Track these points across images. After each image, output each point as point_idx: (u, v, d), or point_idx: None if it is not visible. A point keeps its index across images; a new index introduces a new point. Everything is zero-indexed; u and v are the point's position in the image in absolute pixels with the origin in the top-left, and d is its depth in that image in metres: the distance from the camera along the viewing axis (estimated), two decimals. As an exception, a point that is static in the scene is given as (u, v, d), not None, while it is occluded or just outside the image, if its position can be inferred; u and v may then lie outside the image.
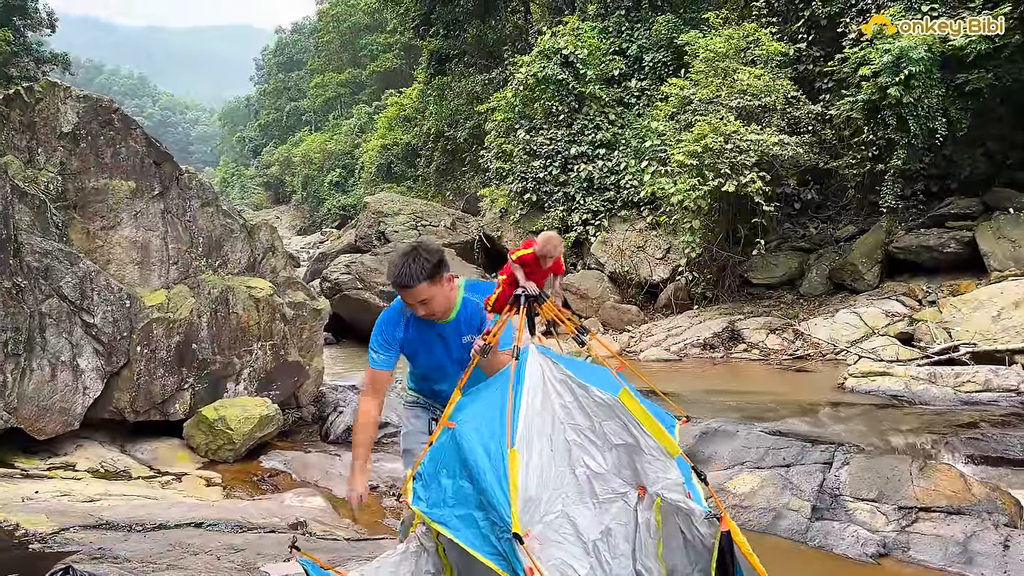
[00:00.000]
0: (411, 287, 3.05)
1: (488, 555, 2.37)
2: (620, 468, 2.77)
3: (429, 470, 2.68)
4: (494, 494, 2.40)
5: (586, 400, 2.80)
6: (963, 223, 12.26)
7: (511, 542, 2.30)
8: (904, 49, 11.15)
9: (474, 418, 2.72)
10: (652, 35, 18.86)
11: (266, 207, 55.90)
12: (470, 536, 2.43)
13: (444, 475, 2.62)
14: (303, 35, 71.67)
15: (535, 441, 2.58)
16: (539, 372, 2.78)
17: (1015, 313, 9.53)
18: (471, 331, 3.28)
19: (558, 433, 2.71)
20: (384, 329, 3.29)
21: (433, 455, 2.72)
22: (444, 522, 2.51)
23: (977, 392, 8.04)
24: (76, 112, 6.88)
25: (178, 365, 6.91)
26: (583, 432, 2.76)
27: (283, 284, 8.29)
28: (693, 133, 12.74)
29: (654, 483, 2.75)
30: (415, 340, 3.30)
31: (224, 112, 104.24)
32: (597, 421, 2.78)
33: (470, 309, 3.29)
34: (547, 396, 2.75)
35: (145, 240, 7.09)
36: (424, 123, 31.34)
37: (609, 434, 2.78)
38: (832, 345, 11.17)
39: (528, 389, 2.68)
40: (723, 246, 14.16)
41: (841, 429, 6.79)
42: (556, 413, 2.75)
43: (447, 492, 2.57)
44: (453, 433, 2.70)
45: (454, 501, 2.53)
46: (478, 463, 2.51)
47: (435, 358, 3.33)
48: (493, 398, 2.75)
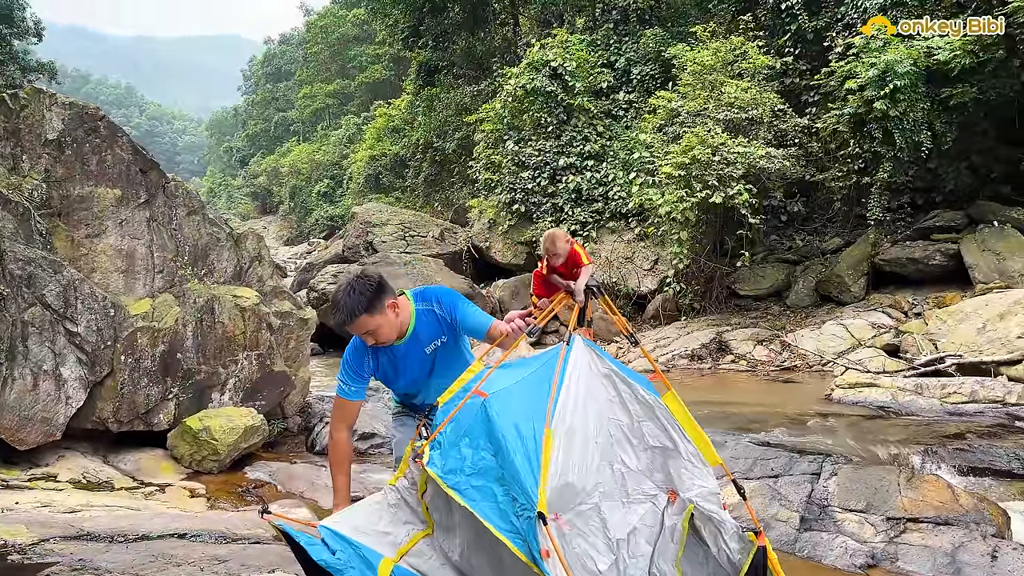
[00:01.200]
0: (352, 323, 3.02)
1: (503, 531, 2.31)
2: (652, 471, 2.75)
3: (450, 439, 2.62)
4: (521, 470, 2.35)
5: (629, 397, 2.79)
6: (948, 236, 12.35)
7: (532, 520, 2.25)
8: (890, 63, 11.25)
9: (509, 394, 2.67)
10: (640, 48, 18.97)
11: (253, 217, 55.68)
12: (486, 508, 2.38)
13: (465, 444, 2.57)
14: (291, 46, 71.62)
15: (578, 429, 2.55)
16: (586, 362, 2.76)
17: (1000, 325, 9.59)
18: (435, 338, 3.27)
19: (602, 425, 2.68)
20: (352, 360, 3.25)
21: (457, 424, 2.66)
22: (459, 489, 2.46)
23: (963, 403, 8.07)
24: (62, 119, 6.83)
25: (162, 375, 6.84)
26: (623, 428, 2.74)
27: (269, 293, 8.24)
28: (681, 145, 12.79)
29: (689, 489, 2.73)
30: (385, 366, 3.28)
31: (211, 122, 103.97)
32: (637, 420, 2.77)
33: (425, 319, 3.26)
34: (593, 387, 2.72)
35: (130, 248, 7.03)
36: (413, 134, 31.34)
37: (647, 435, 2.77)
38: (819, 356, 11.20)
39: (573, 376, 2.65)
40: (710, 257, 14.21)
41: (829, 440, 6.80)
42: (601, 406, 2.72)
43: (466, 461, 2.52)
44: (484, 404, 2.64)
45: (472, 471, 2.49)
46: (507, 438, 2.46)
47: (407, 377, 3.31)
48: (532, 378, 2.72)
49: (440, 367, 3.29)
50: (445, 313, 3.27)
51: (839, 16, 14.11)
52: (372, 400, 8.61)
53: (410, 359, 3.26)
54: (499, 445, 2.47)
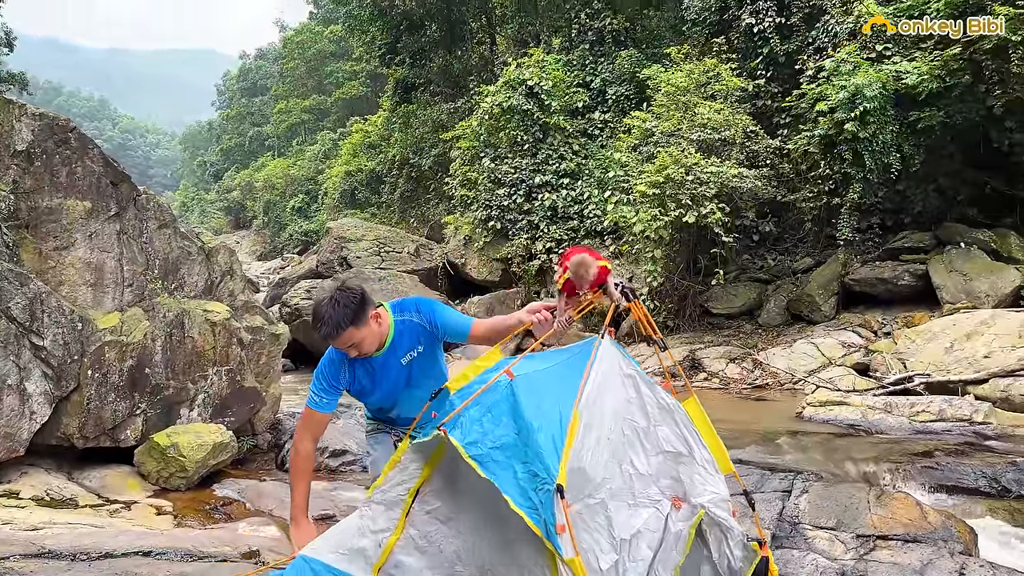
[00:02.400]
0: (337, 335, 3.01)
1: (522, 506, 2.33)
2: (660, 476, 2.76)
3: (471, 415, 2.63)
4: (544, 447, 2.38)
5: (649, 400, 2.81)
6: (917, 256, 12.56)
7: (551, 493, 2.27)
8: (859, 86, 11.47)
9: (535, 378, 2.70)
10: (615, 69, 19.19)
11: (226, 232, 55.20)
12: (506, 482, 2.40)
13: (488, 419, 2.59)
14: (267, 61, 71.48)
15: (593, 423, 2.56)
16: (612, 360, 2.78)
17: (967, 344, 9.75)
18: (411, 348, 3.26)
19: (617, 424, 2.69)
20: (327, 371, 3.22)
21: (479, 403, 2.67)
22: (481, 461, 2.47)
23: (931, 422, 8.18)
24: (31, 130, 6.73)
25: (130, 390, 6.72)
26: (637, 430, 2.75)
27: (241, 308, 8.15)
28: (655, 164, 12.92)
29: (701, 495, 2.75)
30: (361, 379, 3.25)
31: (185, 136, 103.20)
32: (653, 424, 2.78)
33: (403, 329, 3.25)
34: (614, 386, 2.74)
35: (99, 261, 6.92)
36: (389, 150, 31.33)
37: (661, 439, 2.78)
38: (790, 375, 11.30)
39: (599, 371, 2.68)
40: (684, 276, 14.32)
41: (800, 457, 6.85)
42: (619, 405, 2.73)
43: (488, 435, 2.54)
44: (511, 383, 2.66)
45: (493, 444, 2.50)
46: (532, 416, 2.49)
47: (384, 389, 3.28)
48: (560, 368, 2.76)
49: (417, 377, 3.27)
50: (425, 321, 3.26)
51: (810, 40, 14.39)
52: (344, 416, 8.53)
53: (387, 370, 3.24)
54: (523, 422, 2.50)
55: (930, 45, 12.17)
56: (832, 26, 13.76)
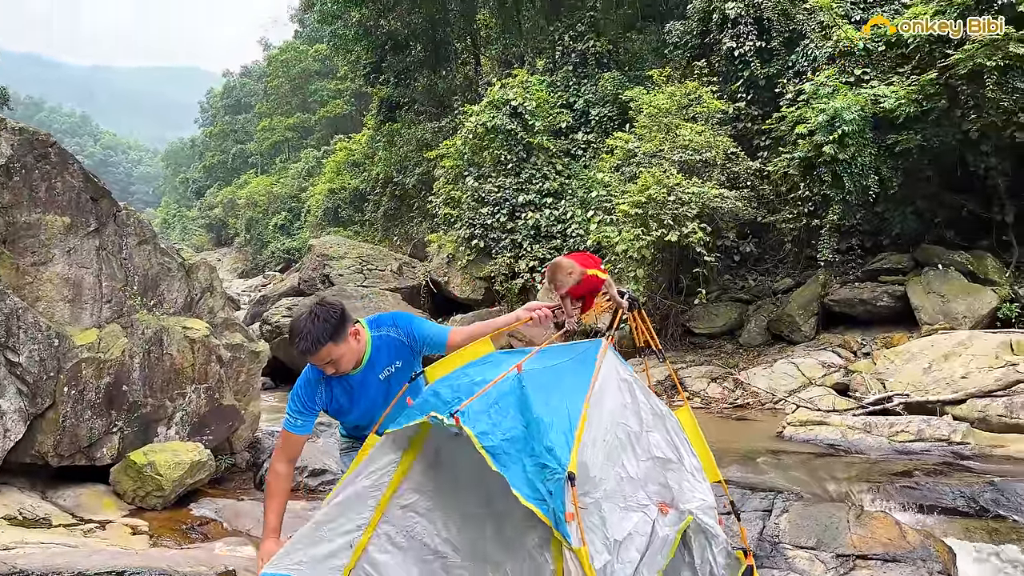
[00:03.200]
0: (315, 352, 2.97)
1: (530, 498, 2.35)
2: (648, 481, 2.78)
3: (477, 407, 2.62)
4: (555, 439, 2.41)
5: (644, 406, 2.85)
6: (895, 278, 12.69)
7: (562, 482, 2.30)
8: (838, 109, 11.63)
9: (542, 374, 2.73)
10: (598, 90, 19.36)
11: (207, 249, 54.92)
12: (515, 476, 2.41)
13: (495, 411, 2.59)
14: (251, 79, 71.47)
15: (592, 422, 2.59)
16: (612, 364, 2.85)
17: (945, 365, 9.84)
18: (389, 363, 3.23)
19: (612, 427, 2.72)
20: (303, 393, 3.17)
21: (489, 395, 2.66)
22: (494, 453, 2.47)
23: (910, 442, 8.22)
24: (11, 145, 6.67)
25: (107, 407, 6.63)
26: (630, 435, 2.78)
27: (221, 325, 8.09)
28: (637, 185, 13.01)
29: (689, 501, 2.79)
30: (339, 398, 3.21)
31: (167, 153, 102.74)
32: (645, 429, 2.82)
33: (380, 345, 3.22)
34: (612, 389, 2.78)
35: (78, 277, 6.86)
36: (373, 168, 31.34)
37: (652, 444, 2.81)
38: (771, 394, 11.35)
39: (601, 371, 2.74)
40: (666, 295, 14.38)
41: (780, 477, 6.86)
42: (615, 408, 2.77)
43: (498, 427, 2.54)
44: (519, 377, 2.69)
45: (503, 437, 2.51)
46: (541, 409, 2.52)
47: (362, 407, 3.24)
48: (565, 366, 2.81)
49: (396, 393, 3.22)
50: (403, 335, 3.24)
51: (790, 64, 14.59)
52: (324, 435, 8.46)
53: (366, 387, 3.21)
54: (531, 415, 2.52)
55: (907, 70, 12.38)
56: (811, 50, 13.97)
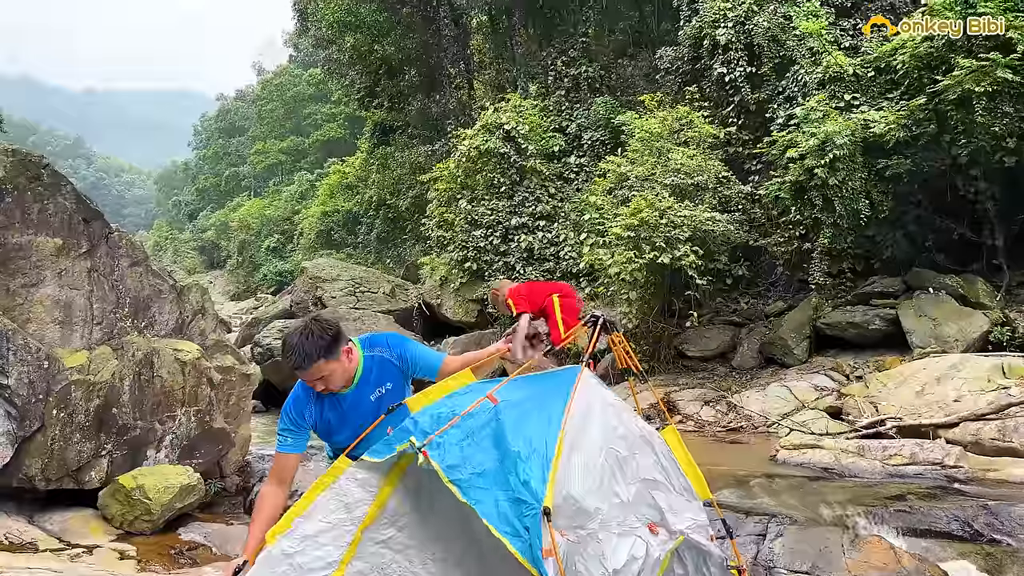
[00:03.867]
0: (307, 368, 2.94)
1: (504, 533, 2.30)
2: (639, 504, 2.75)
3: (451, 438, 2.57)
4: (533, 472, 2.36)
5: (630, 429, 2.82)
6: (887, 301, 12.71)
7: (537, 516, 2.25)
8: (829, 133, 11.72)
9: (519, 405, 2.68)
10: (590, 115, 19.51)
11: (199, 272, 54.73)
12: (488, 509, 2.36)
13: (468, 444, 2.55)
14: (246, 102, 71.73)
15: (581, 449, 2.55)
16: (596, 388, 2.82)
17: (937, 388, 9.84)
18: (380, 384, 3.20)
19: (602, 453, 2.69)
20: (293, 411, 3.14)
21: (462, 425, 2.62)
22: (461, 486, 2.42)
23: (904, 465, 8.20)
24: (3, 166, 6.67)
25: (96, 430, 6.57)
26: (619, 459, 2.74)
27: (212, 347, 8.05)
28: (630, 208, 13.05)
29: (681, 521, 2.77)
30: (329, 418, 3.17)
31: (161, 176, 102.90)
32: (633, 452, 2.78)
33: (372, 365, 3.20)
34: (598, 414, 2.74)
35: (68, 299, 6.83)
36: (366, 191, 31.43)
37: (640, 467, 2.78)
38: (764, 418, 11.32)
39: (584, 396, 2.70)
40: (659, 318, 14.38)
41: (774, 501, 6.83)
42: (604, 433, 2.73)
43: (469, 460, 2.50)
44: (496, 409, 2.64)
45: (474, 470, 2.46)
46: (517, 442, 2.47)
47: (351, 428, 3.17)
48: (542, 395, 2.75)
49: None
50: (394, 356, 3.22)
51: (780, 89, 14.72)
52: (315, 459, 8.39)
53: (357, 407, 3.17)
54: (506, 449, 2.47)
55: (896, 95, 12.51)
56: (802, 76, 14.10)
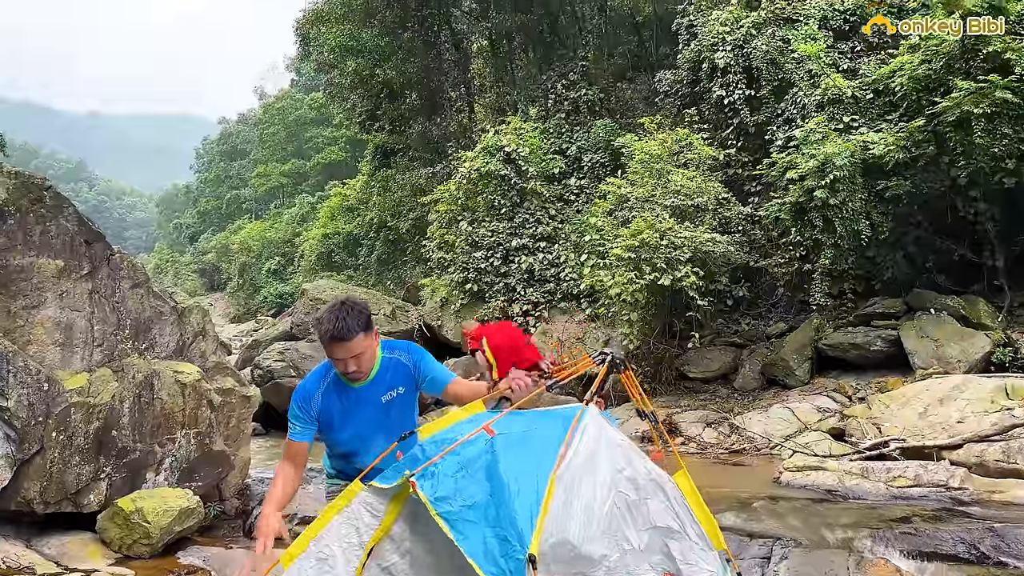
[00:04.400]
0: (349, 340, 2.95)
1: (489, 572, 2.27)
2: (651, 551, 2.68)
3: (445, 469, 2.54)
4: (519, 513, 2.32)
5: (640, 471, 2.74)
6: (888, 322, 12.69)
7: (522, 563, 2.22)
8: (829, 155, 11.77)
9: (516, 440, 2.63)
10: (590, 137, 19.62)
11: (200, 294, 54.69)
12: (473, 545, 2.33)
13: (462, 475, 2.51)
14: (248, 126, 72.18)
15: (583, 493, 2.49)
16: (603, 428, 2.74)
17: (941, 410, 9.80)
18: (393, 387, 3.21)
19: (609, 496, 2.62)
20: (304, 397, 3.16)
21: (456, 455, 2.59)
22: (449, 520, 2.40)
23: (908, 487, 8.14)
24: (6, 188, 6.70)
25: (95, 453, 6.54)
26: (628, 504, 2.68)
27: (212, 369, 8.03)
28: (630, 229, 13.08)
29: (697, 573, 2.67)
30: (333, 411, 3.17)
31: (162, 199, 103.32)
32: (643, 497, 2.71)
33: (388, 366, 3.22)
34: (603, 456, 2.66)
35: (69, 321, 6.82)
36: (367, 213, 31.50)
37: (651, 513, 2.71)
38: (767, 439, 11.27)
39: (586, 438, 2.62)
40: (660, 340, 14.36)
41: (778, 523, 6.77)
42: (612, 476, 2.66)
43: (461, 493, 2.46)
44: (492, 441, 2.60)
45: (464, 504, 2.43)
46: (509, 479, 2.43)
47: (357, 426, 3.18)
48: (542, 431, 2.68)
49: (392, 421, 3.20)
50: (411, 363, 3.25)
51: (779, 112, 14.81)
52: (314, 482, 8.33)
53: (363, 405, 3.17)
54: (499, 484, 2.43)
55: (895, 117, 12.58)
56: (800, 98, 14.19)
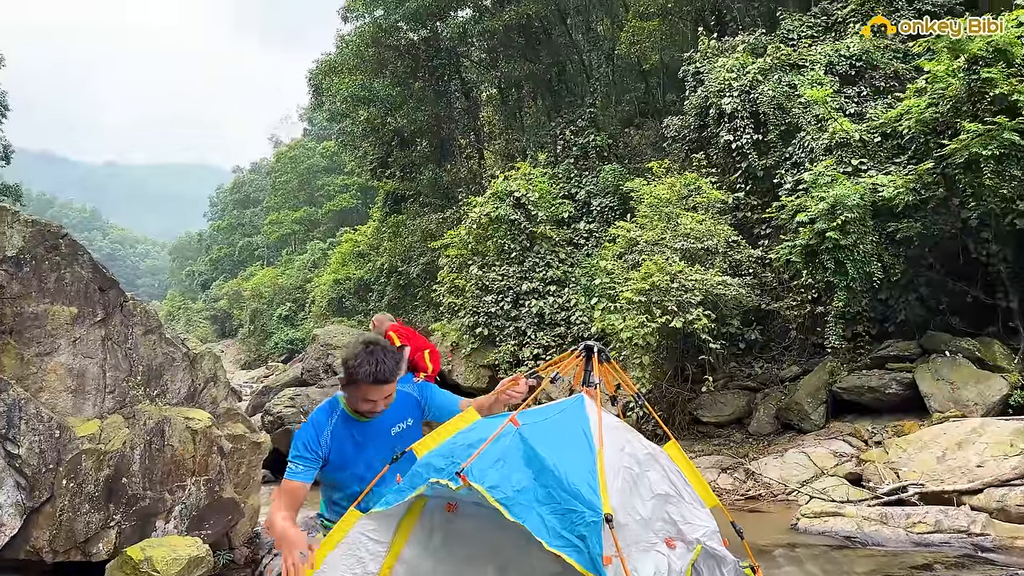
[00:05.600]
0: (391, 382, 3.05)
1: (559, 547, 2.34)
2: (655, 519, 2.79)
3: (482, 465, 2.60)
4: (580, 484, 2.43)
5: (637, 447, 2.89)
6: (903, 365, 12.54)
7: (598, 524, 2.31)
8: (839, 197, 11.78)
9: (541, 427, 2.75)
10: (599, 182, 19.78)
11: (211, 341, 54.88)
12: (535, 525, 2.40)
13: (500, 466, 2.58)
14: (260, 174, 73.19)
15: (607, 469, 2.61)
16: (598, 414, 2.87)
17: (959, 454, 9.65)
18: (403, 419, 3.26)
19: (619, 473, 2.73)
20: (310, 437, 3.12)
21: (489, 452, 2.65)
22: (507, 504, 2.46)
23: (929, 533, 7.99)
24: (22, 236, 6.78)
25: (105, 501, 6.49)
26: (633, 477, 2.79)
27: (223, 415, 8.01)
28: (640, 272, 13.09)
29: (696, 530, 2.83)
30: (344, 444, 3.17)
31: (175, 246, 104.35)
32: (643, 470, 2.84)
33: (399, 398, 3.26)
34: (608, 437, 2.79)
35: (82, 368, 6.83)
36: (378, 259, 31.72)
37: (652, 483, 2.83)
38: (783, 485, 11.09)
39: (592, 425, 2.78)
40: (672, 383, 14.25)
41: (797, 571, 6.64)
42: (616, 454, 2.78)
43: (509, 479, 2.53)
44: (519, 431, 2.70)
45: (515, 488, 2.51)
46: (551, 459, 2.53)
47: (368, 459, 3.16)
48: (559, 418, 2.85)
49: None
50: (417, 394, 3.33)
51: (787, 155, 14.90)
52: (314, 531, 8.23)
53: (375, 437, 3.20)
54: (541, 467, 2.53)
55: (903, 160, 12.62)
56: (808, 142, 14.28)
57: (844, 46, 15.10)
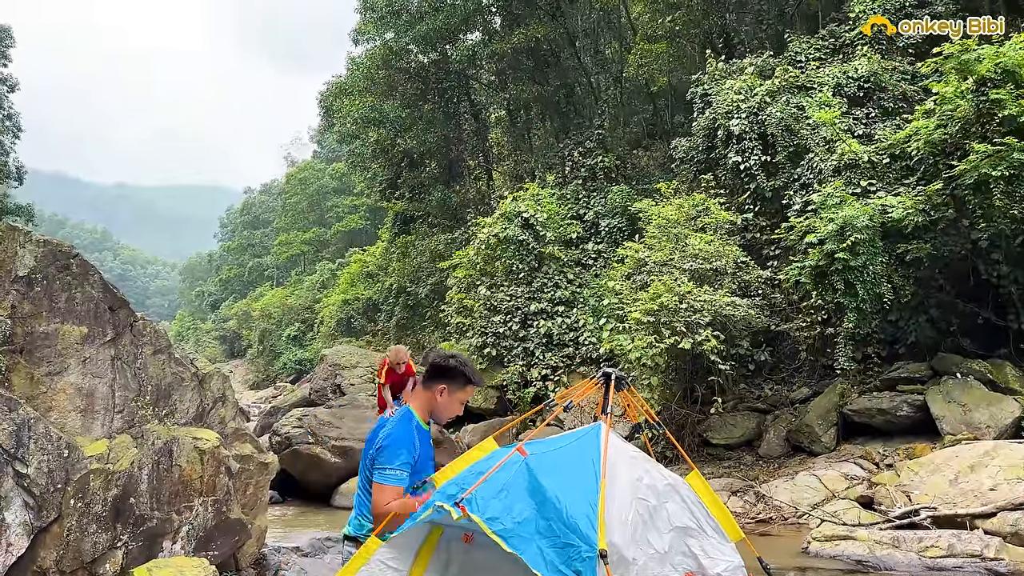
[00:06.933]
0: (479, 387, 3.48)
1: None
2: (674, 552, 2.78)
3: (485, 493, 2.62)
4: (578, 518, 2.43)
5: (656, 478, 2.89)
6: (914, 387, 12.46)
7: (593, 560, 2.32)
8: (848, 218, 11.77)
9: (548, 458, 2.76)
10: (607, 203, 19.83)
11: (220, 361, 55.00)
12: (532, 556, 2.41)
13: (503, 496, 2.60)
14: (271, 195, 73.67)
15: (614, 499, 2.60)
16: (617, 443, 2.89)
17: (972, 477, 9.54)
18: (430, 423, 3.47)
19: (633, 504, 2.73)
20: (411, 447, 3.17)
21: (492, 481, 2.67)
22: (505, 536, 2.47)
23: (942, 557, 7.89)
24: (34, 256, 6.83)
25: (113, 521, 6.48)
26: (650, 509, 2.79)
27: (231, 436, 8.01)
28: (649, 292, 13.07)
29: (717, 565, 2.81)
30: (426, 449, 3.35)
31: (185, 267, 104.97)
32: (661, 501, 2.84)
33: None
34: (625, 467, 2.80)
35: (91, 387, 6.85)
36: (386, 279, 31.83)
37: (670, 515, 2.83)
38: (794, 508, 10.98)
39: (611, 451, 2.78)
40: (682, 404, 14.17)
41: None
42: (632, 485, 2.78)
43: (510, 511, 2.54)
44: (526, 461, 2.72)
45: (515, 520, 2.52)
46: (555, 491, 2.54)
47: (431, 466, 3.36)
48: (569, 449, 2.85)
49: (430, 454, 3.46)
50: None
51: (795, 177, 14.90)
52: (331, 551, 8.20)
53: (428, 446, 3.39)
54: (543, 500, 2.54)
55: (912, 181, 12.61)
56: (816, 164, 14.29)
57: (852, 68, 15.14)
